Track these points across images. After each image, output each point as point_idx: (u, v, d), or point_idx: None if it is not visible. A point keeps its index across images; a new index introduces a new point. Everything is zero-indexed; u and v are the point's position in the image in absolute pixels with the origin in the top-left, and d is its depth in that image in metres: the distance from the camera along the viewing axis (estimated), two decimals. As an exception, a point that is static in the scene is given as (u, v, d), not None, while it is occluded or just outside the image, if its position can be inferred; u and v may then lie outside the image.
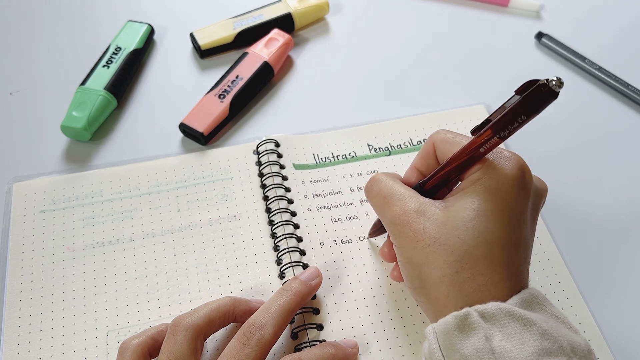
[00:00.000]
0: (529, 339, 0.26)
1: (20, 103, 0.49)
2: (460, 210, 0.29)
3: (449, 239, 0.29)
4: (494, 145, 0.29)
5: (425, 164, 0.35)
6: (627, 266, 0.41)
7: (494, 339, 0.26)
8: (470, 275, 0.28)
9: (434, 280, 0.29)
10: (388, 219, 0.32)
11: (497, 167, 0.29)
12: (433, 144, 0.34)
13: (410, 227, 0.30)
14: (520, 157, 0.30)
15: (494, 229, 0.28)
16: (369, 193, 0.34)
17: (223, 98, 0.47)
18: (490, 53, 0.55)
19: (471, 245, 0.28)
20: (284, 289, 0.34)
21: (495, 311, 0.27)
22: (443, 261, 0.28)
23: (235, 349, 0.31)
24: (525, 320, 0.26)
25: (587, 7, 0.59)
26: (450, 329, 0.27)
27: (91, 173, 0.44)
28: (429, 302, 0.30)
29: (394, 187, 0.32)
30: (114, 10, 0.57)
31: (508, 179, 0.29)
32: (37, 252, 0.39)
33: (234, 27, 0.53)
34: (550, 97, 0.26)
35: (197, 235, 0.41)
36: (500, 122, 0.28)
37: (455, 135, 0.33)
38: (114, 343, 0.36)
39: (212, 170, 0.44)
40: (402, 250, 0.31)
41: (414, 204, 0.31)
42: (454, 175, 0.32)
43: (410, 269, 0.30)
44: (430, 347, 0.28)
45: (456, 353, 0.26)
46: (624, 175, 0.46)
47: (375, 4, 0.59)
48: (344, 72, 0.53)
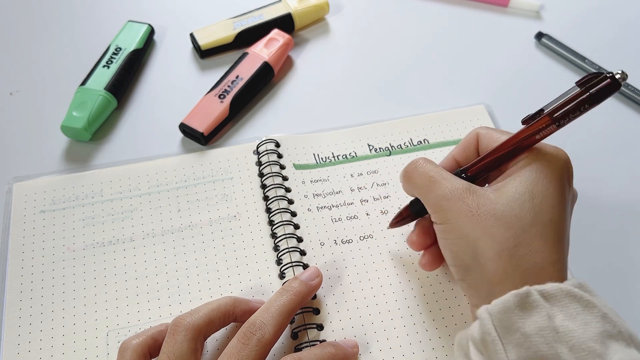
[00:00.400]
0: (592, 320, 0.26)
1: (20, 103, 0.49)
2: (514, 191, 0.30)
3: (505, 214, 0.29)
4: (550, 133, 0.30)
5: (464, 155, 0.35)
6: (627, 266, 0.41)
7: (556, 319, 0.26)
8: (528, 252, 0.28)
9: (492, 254, 0.29)
10: (437, 195, 0.32)
11: (548, 153, 0.31)
12: (477, 135, 0.34)
13: (463, 202, 0.30)
14: (565, 152, 0.32)
15: (547, 211, 0.29)
16: (413, 173, 0.34)
17: (223, 98, 0.47)
18: (490, 53, 0.55)
19: (528, 223, 0.29)
20: (284, 289, 0.34)
21: (555, 291, 0.27)
22: (502, 235, 0.29)
23: (236, 349, 0.31)
24: (587, 302, 0.26)
25: (587, 7, 0.59)
26: (510, 307, 0.27)
27: (91, 173, 0.44)
28: (481, 279, 0.29)
29: (439, 170, 0.33)
30: (114, 10, 0.57)
31: (557, 166, 0.30)
32: (37, 252, 0.39)
33: (234, 27, 0.53)
34: (614, 89, 0.27)
35: (197, 235, 0.41)
36: (560, 110, 0.29)
37: (499, 131, 0.34)
38: (114, 343, 0.36)
39: (212, 170, 0.44)
40: (452, 226, 0.31)
41: (463, 183, 0.31)
42: (499, 163, 0.32)
43: (462, 244, 0.30)
44: (484, 327, 0.27)
45: (516, 332, 0.26)
46: (623, 175, 0.46)
47: (375, 4, 0.59)
48: (344, 72, 0.53)
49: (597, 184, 0.45)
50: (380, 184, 0.44)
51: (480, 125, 0.47)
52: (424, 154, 0.45)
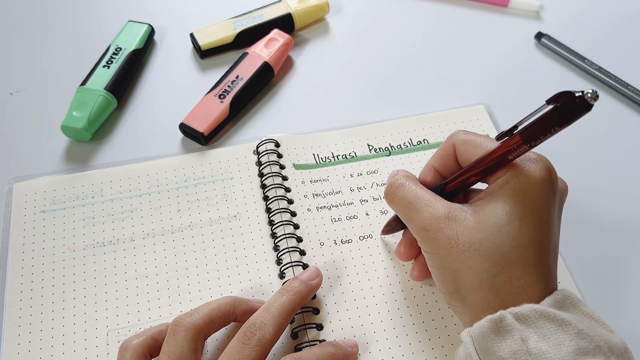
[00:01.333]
0: (565, 339, 0.26)
1: (20, 103, 0.49)
2: (492, 214, 0.29)
3: (483, 244, 0.29)
4: (522, 153, 0.29)
5: (443, 164, 0.35)
6: (627, 267, 0.41)
7: (530, 340, 0.26)
8: (507, 279, 0.28)
9: (472, 285, 0.29)
10: (418, 225, 0.31)
11: (525, 169, 0.30)
12: (453, 145, 0.34)
13: (443, 233, 0.30)
14: (546, 158, 0.31)
15: (527, 232, 0.29)
16: (393, 199, 0.34)
17: (223, 98, 0.47)
18: (490, 53, 0.55)
19: (506, 250, 0.28)
20: (284, 288, 0.35)
21: (529, 313, 0.27)
22: (480, 266, 0.29)
23: (236, 349, 0.31)
24: (560, 321, 0.26)
25: (587, 7, 0.59)
26: (485, 332, 0.27)
27: (91, 173, 0.44)
28: (464, 306, 0.30)
29: (418, 192, 0.32)
30: (114, 10, 0.57)
31: (537, 182, 0.29)
32: (37, 252, 0.39)
33: (234, 27, 0.53)
34: (584, 109, 0.26)
35: (197, 235, 0.41)
36: (530, 130, 0.28)
37: (476, 136, 0.33)
38: (114, 343, 0.36)
39: (212, 170, 0.44)
40: (435, 257, 0.31)
41: (442, 209, 0.31)
42: (477, 179, 0.32)
43: (445, 274, 0.30)
44: (467, 350, 0.28)
45: (493, 356, 0.27)
46: (623, 176, 0.46)
47: (375, 4, 0.59)
48: (344, 72, 0.53)
49: (596, 184, 0.45)
50: (380, 184, 0.44)
51: (480, 125, 0.47)
52: (424, 154, 0.46)
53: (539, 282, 0.28)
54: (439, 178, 0.35)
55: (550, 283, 0.29)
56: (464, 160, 0.33)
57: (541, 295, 0.28)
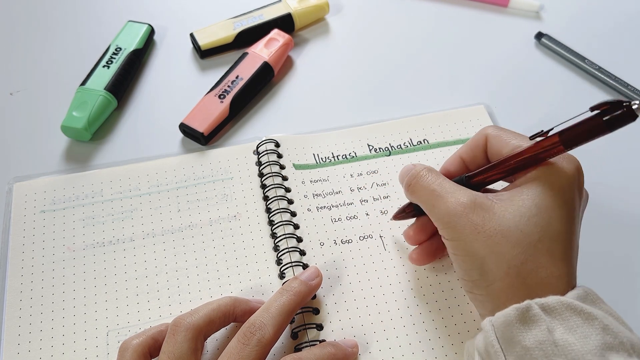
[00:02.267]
0: (592, 332, 0.26)
1: (20, 103, 0.49)
2: (521, 204, 0.29)
3: (512, 231, 0.29)
4: (556, 154, 0.30)
5: (472, 155, 0.35)
6: (627, 267, 0.41)
7: (556, 332, 0.26)
8: (534, 268, 0.28)
9: (499, 271, 0.29)
10: (441, 211, 0.31)
11: (557, 166, 0.30)
12: (486, 137, 0.34)
13: (468, 219, 0.30)
14: (577, 159, 0.31)
15: (555, 225, 0.29)
16: (415, 187, 0.33)
17: (223, 98, 0.47)
18: (490, 53, 0.55)
19: (535, 239, 0.29)
20: (284, 289, 0.35)
21: (556, 304, 0.27)
22: (509, 253, 0.29)
23: (236, 349, 0.31)
24: (587, 315, 0.26)
25: (587, 7, 0.59)
26: (511, 320, 0.27)
27: (91, 173, 0.44)
28: (488, 295, 0.30)
29: (442, 182, 0.32)
30: (114, 10, 0.57)
31: (568, 179, 0.30)
32: (37, 252, 0.39)
33: (234, 27, 0.53)
34: (630, 119, 0.26)
35: (197, 235, 0.41)
36: (571, 133, 0.28)
37: (510, 132, 0.33)
38: (114, 343, 0.36)
39: (212, 170, 0.44)
40: (459, 244, 0.30)
41: (468, 196, 0.31)
42: (503, 175, 0.32)
43: (470, 261, 0.30)
44: (488, 339, 0.28)
45: (517, 345, 0.26)
46: (623, 176, 0.46)
47: (375, 4, 0.59)
48: (344, 72, 0.53)
49: (596, 184, 0.45)
50: (380, 184, 0.44)
51: (480, 125, 0.47)
52: (424, 154, 0.46)
53: (564, 276, 0.28)
54: (464, 169, 0.35)
55: (572, 278, 0.29)
56: (494, 153, 0.33)
57: (565, 288, 0.28)
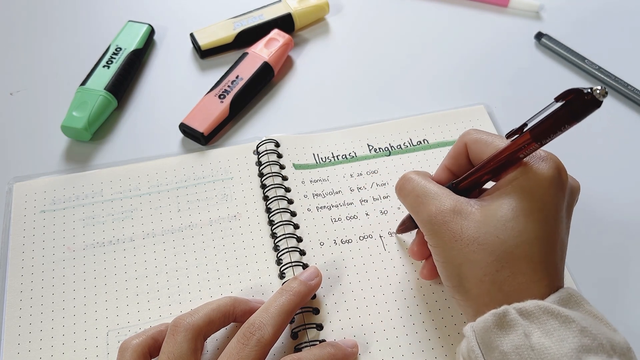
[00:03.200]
0: (568, 335, 0.26)
1: (20, 103, 0.49)
2: (498, 209, 0.29)
3: (488, 238, 0.29)
4: (532, 151, 0.29)
5: (456, 164, 0.35)
6: (628, 266, 0.41)
7: (532, 336, 0.26)
8: (510, 274, 0.28)
9: (475, 279, 0.29)
10: (424, 218, 0.32)
11: (534, 167, 0.30)
12: (465, 144, 0.34)
13: (447, 227, 0.30)
14: (556, 157, 0.31)
15: (533, 229, 0.29)
16: (402, 192, 0.34)
17: (223, 98, 0.47)
18: (490, 53, 0.55)
19: (511, 245, 0.28)
20: (283, 289, 0.35)
21: (533, 309, 0.27)
22: (483, 261, 0.29)
23: (235, 349, 0.31)
24: (564, 318, 0.26)
25: (587, 7, 0.59)
26: (488, 326, 0.27)
27: (91, 173, 0.44)
28: (468, 300, 0.30)
29: (427, 186, 0.33)
30: (114, 10, 0.57)
31: (545, 179, 0.29)
32: (37, 252, 0.39)
33: (234, 27, 0.53)
34: (594, 106, 0.26)
35: (197, 235, 0.41)
36: (540, 128, 0.28)
37: (487, 135, 0.33)
38: (114, 343, 0.36)
39: (212, 170, 0.44)
40: (439, 250, 0.31)
41: (449, 202, 0.31)
42: (489, 177, 0.32)
43: (449, 268, 0.31)
44: (469, 344, 0.28)
45: (495, 350, 0.27)
46: (623, 176, 0.46)
47: (375, 4, 0.59)
48: (344, 72, 0.53)
49: (596, 184, 0.45)
50: (380, 184, 0.44)
51: (480, 125, 0.47)
52: (424, 154, 0.46)
53: (543, 279, 0.28)
54: (453, 178, 0.35)
55: (555, 280, 0.29)
56: (476, 159, 0.33)
57: (545, 292, 0.28)
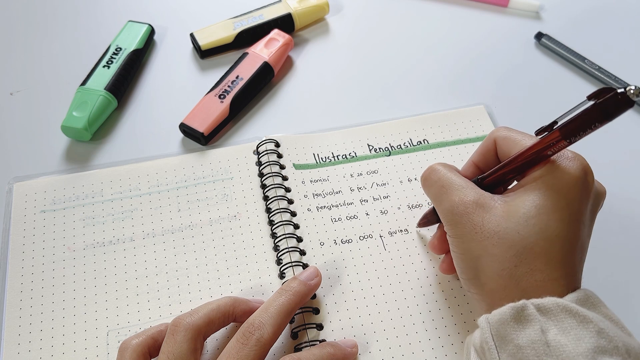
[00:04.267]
0: (585, 335, 0.26)
1: (20, 103, 0.49)
2: (521, 205, 0.29)
3: (508, 233, 0.29)
4: (560, 149, 0.29)
5: (484, 161, 0.35)
6: (627, 267, 0.41)
7: (549, 333, 0.26)
8: (528, 271, 0.28)
9: (492, 273, 0.29)
10: (445, 208, 0.32)
11: (561, 166, 0.30)
12: (494, 140, 0.34)
13: (468, 218, 0.30)
14: (584, 159, 0.31)
15: (554, 227, 0.29)
16: (427, 181, 0.34)
17: (223, 98, 0.47)
18: (490, 53, 0.55)
19: (531, 242, 0.28)
20: (283, 289, 0.35)
21: (552, 306, 0.27)
22: (502, 255, 0.29)
23: (235, 349, 0.31)
24: (582, 317, 0.26)
25: (587, 7, 0.59)
26: (506, 319, 0.27)
27: (91, 173, 0.44)
28: (482, 293, 0.30)
29: (452, 178, 0.33)
30: (114, 10, 0.57)
31: (571, 179, 0.29)
32: (37, 252, 0.39)
33: (234, 27, 0.53)
34: (627, 106, 0.26)
35: (197, 235, 0.41)
36: (570, 126, 0.28)
37: (517, 133, 0.33)
38: (114, 343, 0.36)
39: (212, 170, 0.44)
40: (458, 241, 0.31)
41: (473, 195, 0.31)
42: (515, 174, 0.32)
43: (466, 260, 0.31)
44: (483, 336, 0.28)
45: (510, 343, 0.27)
46: (623, 176, 0.46)
47: (375, 4, 0.59)
48: (344, 73, 0.53)
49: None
50: (380, 184, 0.44)
51: (480, 125, 0.47)
52: (424, 154, 0.46)
53: (561, 278, 0.28)
54: (479, 174, 0.35)
55: (573, 281, 0.29)
56: (504, 156, 0.33)
57: (563, 291, 0.28)
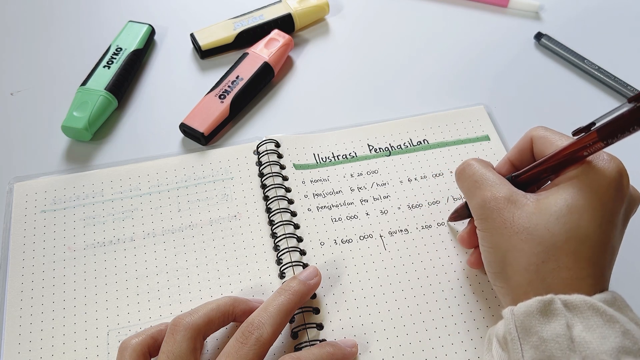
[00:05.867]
0: (611, 334, 0.26)
1: (21, 103, 0.49)
2: (553, 203, 0.29)
3: (538, 229, 0.29)
4: (597, 150, 0.29)
5: (519, 158, 0.35)
6: (627, 267, 0.40)
7: (574, 328, 0.26)
8: (555, 267, 0.28)
9: (519, 267, 0.29)
10: (477, 202, 0.32)
11: (596, 167, 0.30)
12: (531, 138, 0.34)
13: (499, 213, 0.30)
14: (620, 161, 0.31)
15: (586, 227, 0.29)
16: (461, 175, 0.35)
17: (223, 98, 0.47)
18: (490, 53, 0.55)
19: (561, 239, 0.28)
20: (282, 288, 0.35)
21: (579, 302, 0.27)
22: (530, 250, 0.29)
23: (234, 348, 0.31)
24: (609, 317, 0.26)
25: (587, 7, 0.59)
26: (532, 311, 0.27)
27: (92, 173, 0.44)
28: (508, 287, 0.30)
29: (486, 174, 0.33)
30: (114, 10, 0.57)
31: (606, 180, 0.29)
32: (38, 252, 0.39)
33: (234, 27, 0.53)
34: None
35: (197, 235, 0.41)
36: (609, 128, 0.28)
37: (554, 133, 0.33)
38: (115, 342, 0.36)
39: (212, 170, 0.44)
40: (487, 235, 0.31)
41: (505, 191, 0.31)
42: (549, 173, 0.32)
43: (494, 253, 0.31)
44: (507, 326, 0.28)
45: (534, 335, 0.27)
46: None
47: (375, 4, 0.59)
48: (344, 73, 0.53)
49: None
50: (380, 184, 0.44)
51: (480, 125, 0.47)
52: (424, 154, 0.46)
53: (589, 278, 0.28)
54: (514, 171, 0.35)
55: (601, 282, 0.29)
56: (540, 155, 0.33)
57: (589, 291, 0.28)
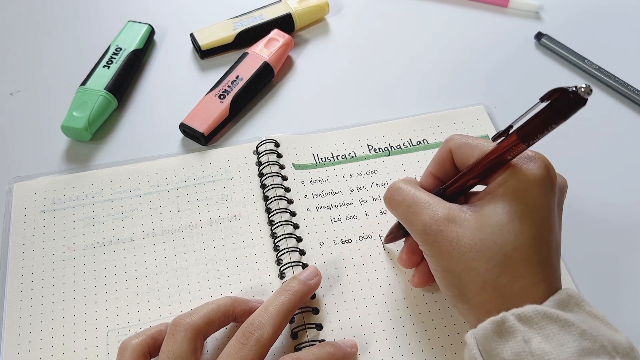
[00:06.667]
0: (569, 339, 0.26)
1: (21, 103, 0.49)
2: (493, 214, 0.29)
3: (485, 244, 0.29)
4: (519, 152, 0.29)
5: (442, 170, 0.35)
6: (628, 265, 0.41)
7: (532, 342, 0.26)
8: (510, 279, 0.28)
9: (476, 287, 0.29)
10: (418, 229, 0.31)
11: (523, 168, 0.30)
12: (450, 149, 0.33)
13: (443, 236, 0.30)
14: (543, 156, 0.30)
15: (529, 230, 0.29)
16: (391, 203, 0.34)
17: (223, 98, 0.47)
18: (490, 53, 0.55)
19: (509, 249, 0.28)
20: (282, 288, 0.35)
21: (532, 314, 0.27)
22: (483, 267, 0.28)
23: (234, 349, 0.31)
24: (563, 322, 0.26)
25: (587, 7, 0.59)
26: (488, 334, 0.27)
27: (91, 173, 0.44)
28: (470, 309, 0.30)
29: (417, 195, 0.32)
30: (114, 10, 0.57)
31: (535, 179, 0.29)
32: (37, 252, 0.39)
33: (234, 27, 0.53)
34: (579, 104, 0.26)
35: (197, 235, 0.41)
36: (527, 128, 0.28)
37: (472, 138, 0.33)
38: (115, 343, 0.36)
39: (212, 170, 0.44)
40: (437, 260, 0.31)
41: (442, 210, 0.31)
42: (476, 181, 0.32)
43: (448, 277, 0.30)
44: (471, 352, 0.28)
45: (496, 357, 0.27)
46: (623, 176, 0.46)
47: (375, 4, 0.59)
48: (344, 73, 0.53)
49: (595, 184, 0.45)
50: (380, 184, 0.44)
51: (480, 125, 0.47)
52: (423, 154, 0.46)
53: (541, 282, 0.28)
54: (439, 184, 0.35)
55: (553, 282, 0.29)
56: (462, 163, 0.33)
57: (544, 294, 0.28)
